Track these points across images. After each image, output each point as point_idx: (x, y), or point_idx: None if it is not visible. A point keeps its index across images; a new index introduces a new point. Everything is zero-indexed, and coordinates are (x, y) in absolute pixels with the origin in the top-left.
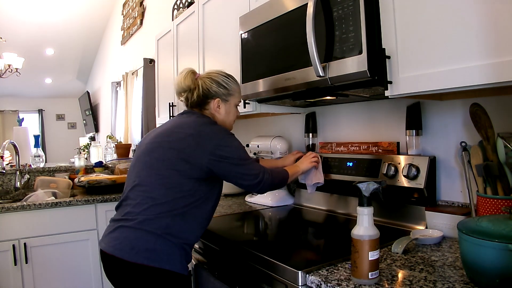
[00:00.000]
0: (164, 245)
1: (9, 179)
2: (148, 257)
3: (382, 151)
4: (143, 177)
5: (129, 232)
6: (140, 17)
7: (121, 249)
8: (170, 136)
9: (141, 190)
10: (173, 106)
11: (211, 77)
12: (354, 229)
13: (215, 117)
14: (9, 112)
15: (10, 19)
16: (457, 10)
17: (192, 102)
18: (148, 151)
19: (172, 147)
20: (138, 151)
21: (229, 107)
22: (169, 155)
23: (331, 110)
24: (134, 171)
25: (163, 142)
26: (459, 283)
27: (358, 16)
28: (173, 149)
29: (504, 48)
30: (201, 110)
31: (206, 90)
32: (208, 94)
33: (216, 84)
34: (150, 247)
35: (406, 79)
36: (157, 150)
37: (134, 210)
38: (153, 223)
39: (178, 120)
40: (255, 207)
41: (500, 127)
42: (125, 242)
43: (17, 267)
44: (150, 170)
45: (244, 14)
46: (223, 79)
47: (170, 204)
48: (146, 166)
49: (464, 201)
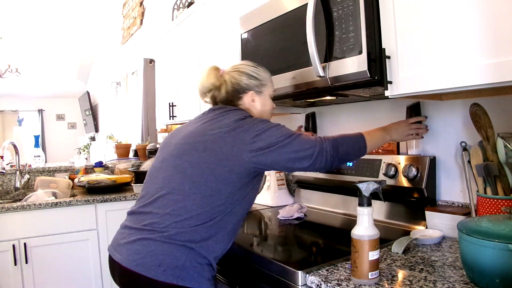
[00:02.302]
0: (194, 261)
1: (9, 179)
2: (178, 275)
3: (382, 151)
4: (174, 184)
5: (155, 246)
6: (140, 17)
7: (144, 265)
8: (204, 136)
9: (172, 199)
10: (173, 106)
11: (239, 70)
12: (354, 229)
13: (250, 112)
14: (9, 112)
15: (10, 19)
16: (457, 10)
17: (222, 99)
18: (179, 153)
19: (208, 149)
20: (165, 152)
21: (264, 99)
22: (205, 159)
23: (331, 110)
24: (161, 176)
25: (196, 143)
26: (459, 283)
27: (358, 16)
28: (209, 151)
29: (504, 48)
30: (234, 105)
31: (236, 84)
32: (239, 89)
33: (247, 76)
34: (179, 265)
35: (406, 79)
36: (189, 152)
37: (163, 222)
38: (185, 236)
39: (210, 117)
40: (255, 207)
41: (500, 127)
42: (150, 257)
43: (17, 267)
44: (183, 176)
45: (244, 14)
46: (253, 70)
47: (207, 215)
48: (178, 171)
49: (464, 201)
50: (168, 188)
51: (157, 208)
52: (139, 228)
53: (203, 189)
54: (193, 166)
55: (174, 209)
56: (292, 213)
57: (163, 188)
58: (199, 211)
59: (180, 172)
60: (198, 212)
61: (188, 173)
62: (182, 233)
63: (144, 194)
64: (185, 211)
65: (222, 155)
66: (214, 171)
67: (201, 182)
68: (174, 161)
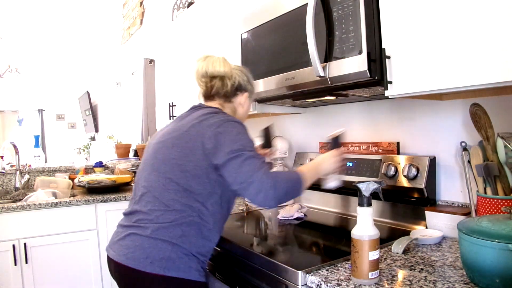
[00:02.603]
0: (179, 252)
1: (9, 179)
2: (164, 266)
3: (382, 151)
4: (152, 182)
5: (142, 241)
6: (140, 17)
7: (134, 259)
8: (173, 133)
9: (151, 195)
10: (173, 106)
11: (241, 70)
12: (354, 229)
13: (237, 110)
14: (9, 112)
15: (10, 19)
16: (457, 10)
17: (221, 91)
18: (155, 152)
19: (175, 144)
20: (146, 153)
21: (249, 104)
22: (173, 154)
23: (331, 110)
24: (143, 175)
25: (166, 141)
26: (459, 283)
27: (358, 16)
28: (176, 146)
29: (504, 48)
30: (224, 102)
31: (239, 81)
32: (240, 87)
33: (247, 79)
34: (165, 256)
35: (406, 79)
36: (161, 150)
37: (147, 217)
38: (167, 231)
39: (191, 114)
40: (255, 207)
41: (500, 127)
42: (139, 251)
43: (17, 267)
44: (157, 173)
45: (244, 14)
46: (250, 76)
47: (183, 210)
48: (153, 169)
49: (464, 201)
50: (148, 187)
51: (142, 206)
52: (129, 225)
53: (175, 185)
54: (164, 162)
55: (154, 204)
56: (292, 213)
57: (145, 187)
58: (176, 206)
59: (155, 170)
60: (176, 208)
61: (161, 170)
62: (164, 228)
63: (133, 195)
64: (163, 206)
65: (187, 149)
66: (182, 167)
67: (172, 179)
68: (151, 160)
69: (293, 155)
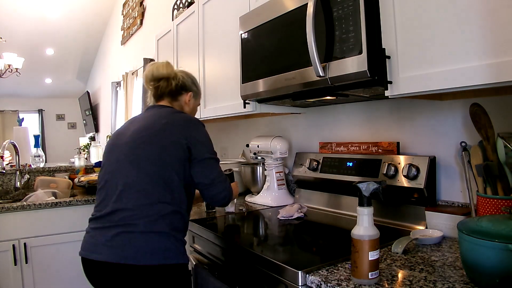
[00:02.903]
0: (173, 241)
1: (9, 179)
2: (165, 256)
3: (382, 151)
4: (133, 178)
5: (135, 237)
6: (140, 17)
7: (135, 257)
8: (147, 130)
9: (134, 191)
10: None
11: (185, 73)
12: (354, 229)
13: (184, 108)
14: (9, 112)
15: (11, 19)
16: (457, 10)
17: (166, 90)
18: (132, 149)
19: (153, 141)
20: (115, 153)
21: (195, 104)
22: (154, 150)
23: (331, 110)
24: (119, 173)
25: (142, 138)
26: (459, 283)
27: (358, 16)
28: (155, 143)
29: (504, 48)
30: (172, 100)
31: (183, 82)
32: (184, 87)
33: (191, 81)
34: (162, 247)
35: (406, 79)
36: (141, 147)
37: (134, 214)
38: (157, 223)
39: (151, 113)
40: (255, 207)
41: (500, 127)
42: (135, 247)
43: (17, 267)
44: (138, 169)
45: (244, 14)
46: (195, 80)
47: (168, 202)
48: (133, 166)
49: (464, 201)
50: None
51: (124, 203)
52: (113, 226)
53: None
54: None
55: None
56: (292, 213)
57: (126, 184)
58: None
59: (136, 166)
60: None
61: (142, 165)
62: (154, 221)
63: (105, 195)
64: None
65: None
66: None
67: (155, 172)
68: (128, 157)
69: (293, 155)
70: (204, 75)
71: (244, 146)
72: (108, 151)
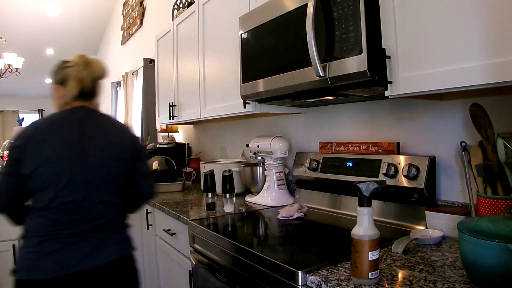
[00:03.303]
0: (128, 231)
1: None
2: (132, 244)
3: (382, 151)
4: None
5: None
6: (140, 17)
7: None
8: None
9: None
10: (173, 106)
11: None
12: (354, 229)
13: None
14: (9, 112)
15: (11, 19)
16: (457, 10)
17: (96, 90)
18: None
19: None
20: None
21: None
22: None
23: (331, 110)
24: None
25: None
26: (459, 283)
27: (358, 16)
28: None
29: (504, 48)
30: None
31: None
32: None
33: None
34: (130, 236)
35: (406, 79)
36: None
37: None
38: (124, 220)
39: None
40: (255, 207)
41: (500, 127)
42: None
43: None
44: (105, 182)
45: (244, 14)
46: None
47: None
48: (104, 179)
49: (464, 201)
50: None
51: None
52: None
53: (117, 185)
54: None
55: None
56: (292, 213)
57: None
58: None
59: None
60: (123, 204)
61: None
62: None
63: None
64: (116, 205)
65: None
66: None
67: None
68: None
69: (293, 155)
70: (204, 75)
71: (244, 146)
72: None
